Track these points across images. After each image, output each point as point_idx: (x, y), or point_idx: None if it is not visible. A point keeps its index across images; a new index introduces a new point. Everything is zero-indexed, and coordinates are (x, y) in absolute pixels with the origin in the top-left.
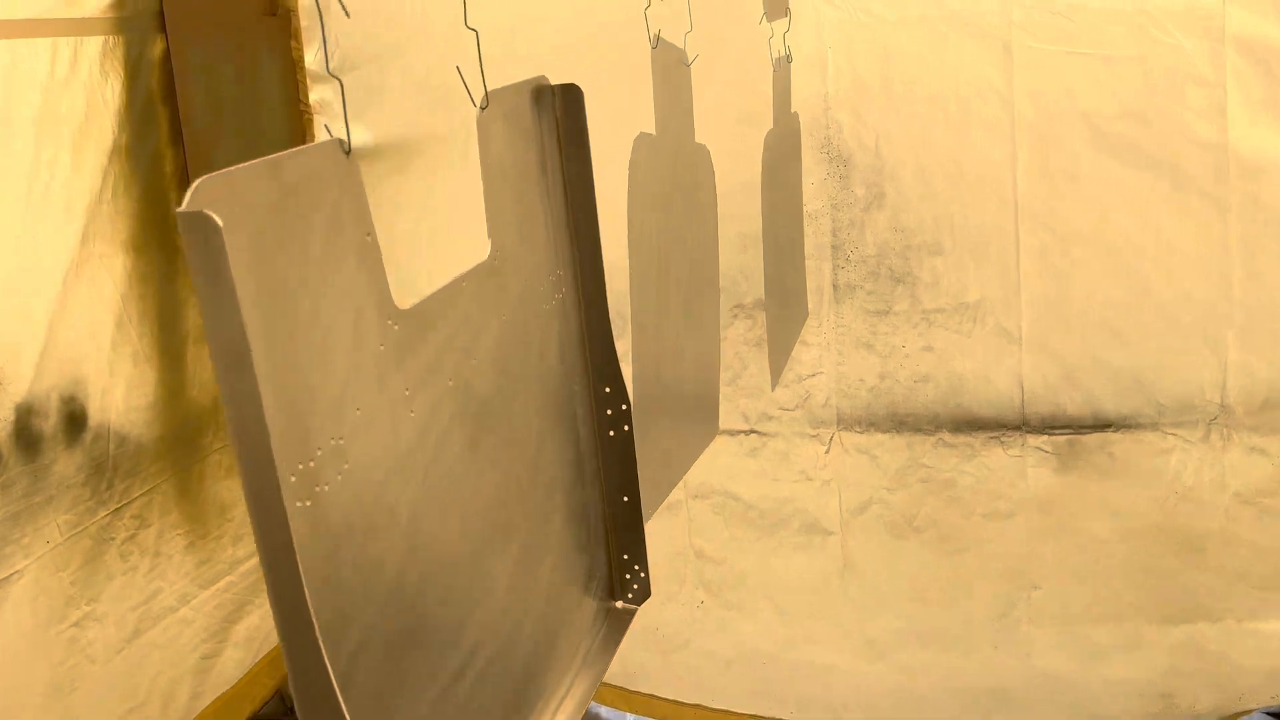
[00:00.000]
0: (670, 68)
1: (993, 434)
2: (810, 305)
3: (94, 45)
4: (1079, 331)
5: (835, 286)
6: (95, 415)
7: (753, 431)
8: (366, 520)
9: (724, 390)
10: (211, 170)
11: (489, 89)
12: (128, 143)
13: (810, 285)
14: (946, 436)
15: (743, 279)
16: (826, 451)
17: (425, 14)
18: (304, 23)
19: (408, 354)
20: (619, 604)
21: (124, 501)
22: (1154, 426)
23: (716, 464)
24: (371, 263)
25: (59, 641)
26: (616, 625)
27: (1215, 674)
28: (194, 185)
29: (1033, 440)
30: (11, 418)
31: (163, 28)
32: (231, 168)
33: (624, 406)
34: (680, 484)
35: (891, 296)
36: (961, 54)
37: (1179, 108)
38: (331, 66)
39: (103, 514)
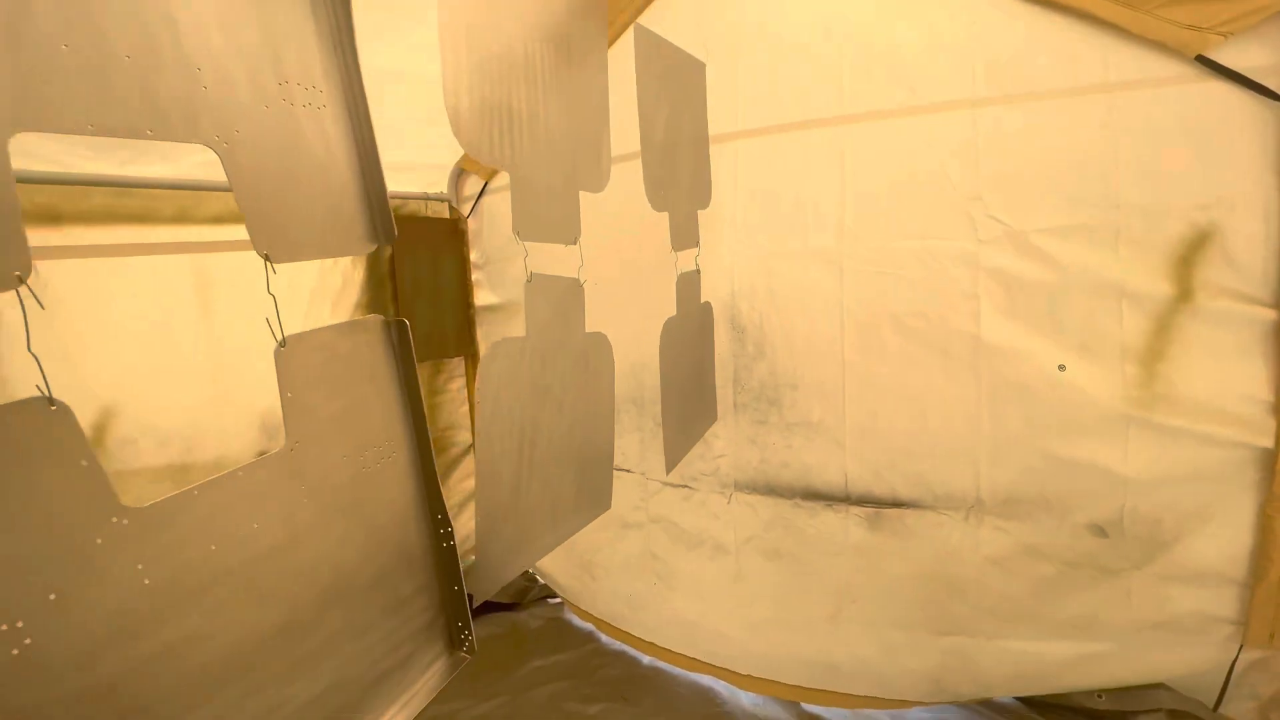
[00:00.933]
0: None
1: (828, 503)
2: (720, 413)
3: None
4: (884, 447)
5: (735, 405)
6: None
7: (685, 486)
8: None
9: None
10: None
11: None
12: (367, 301)
13: (721, 401)
14: (800, 501)
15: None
16: (728, 503)
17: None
18: (471, 233)
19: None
20: (461, 652)
21: None
22: (932, 508)
23: (666, 503)
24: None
25: None
26: (454, 664)
27: (970, 671)
28: None
29: (854, 510)
30: None
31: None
32: None
33: (448, 529)
34: (644, 511)
35: (767, 413)
36: (813, 272)
37: (950, 311)
38: (480, 260)
39: None
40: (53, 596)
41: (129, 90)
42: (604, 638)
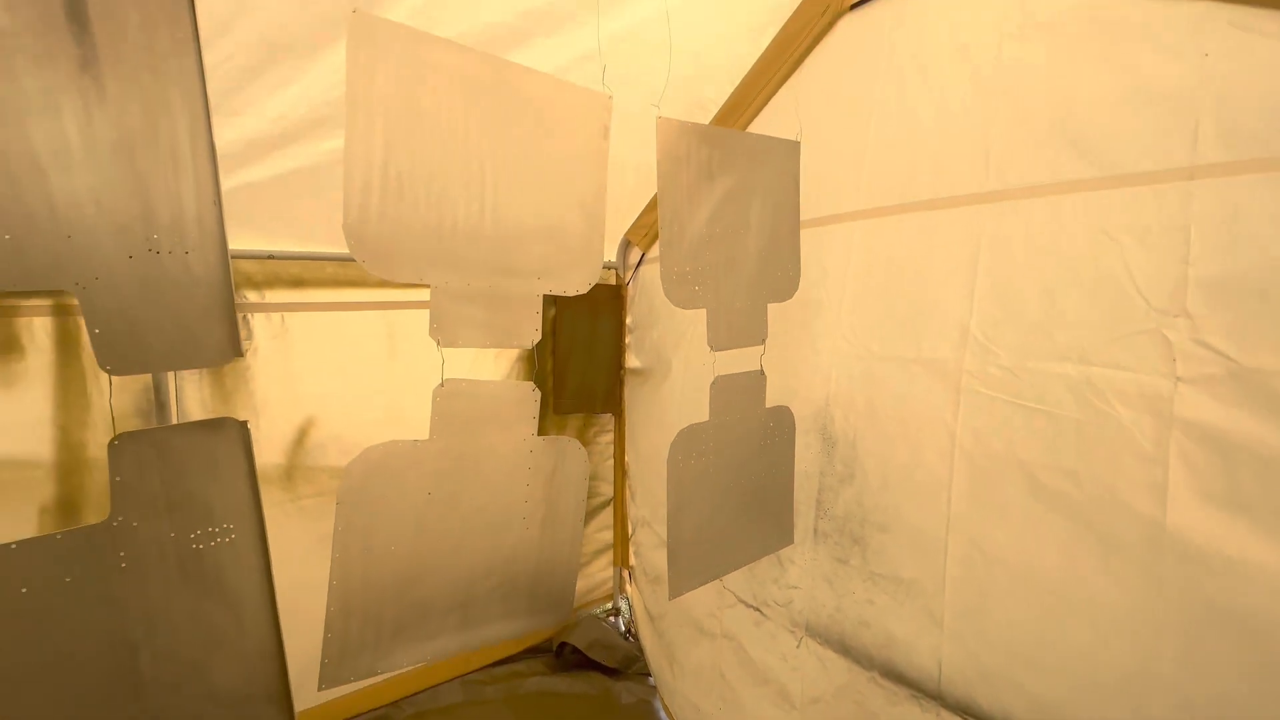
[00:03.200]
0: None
1: (914, 694)
2: (798, 537)
3: None
4: (997, 643)
5: (816, 531)
6: None
7: (757, 609)
8: None
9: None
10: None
11: None
12: (527, 354)
13: (800, 523)
14: (879, 678)
15: None
16: (797, 646)
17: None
18: (628, 299)
19: None
20: None
21: None
22: None
23: (738, 621)
24: None
25: None
26: None
27: None
28: None
29: (947, 715)
30: None
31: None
32: None
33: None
34: (718, 622)
35: (849, 553)
36: (922, 386)
37: (1118, 476)
38: (631, 325)
39: None
40: None
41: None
42: None
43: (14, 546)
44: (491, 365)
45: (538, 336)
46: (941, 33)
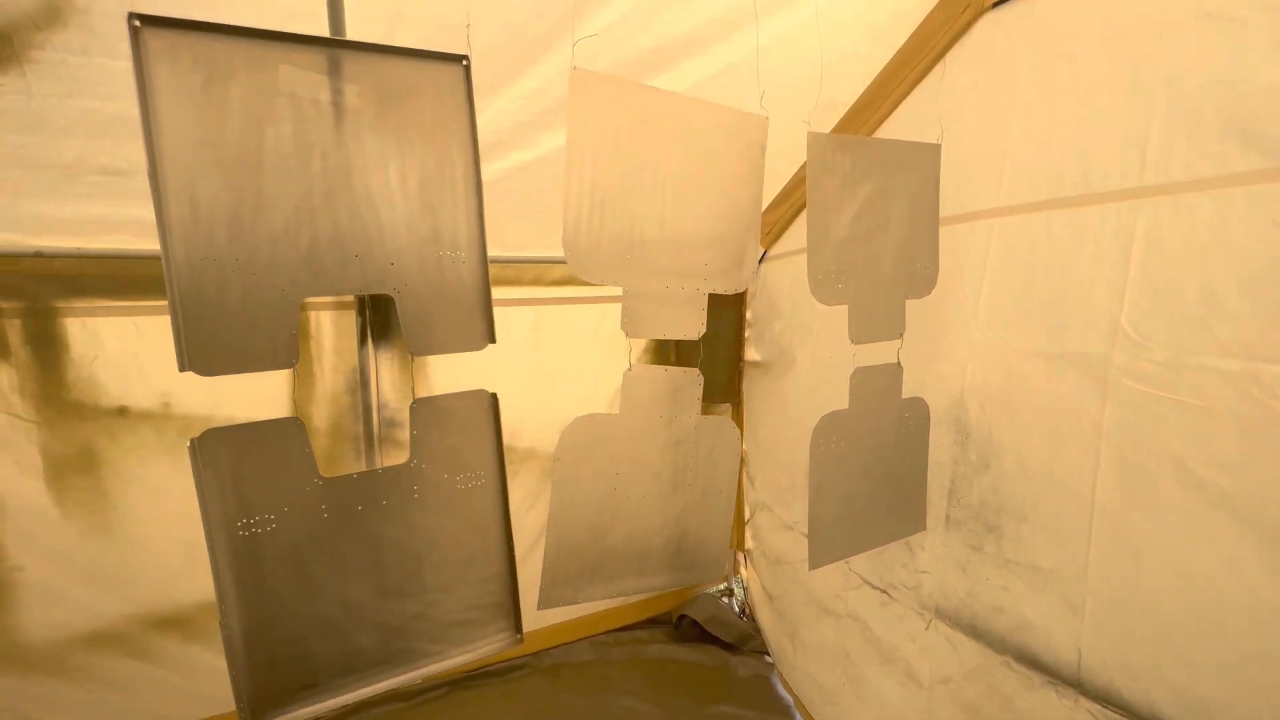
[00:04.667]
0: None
1: (1050, 680)
2: (929, 524)
3: None
4: (1146, 635)
5: (948, 519)
6: None
7: (884, 591)
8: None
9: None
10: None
11: None
12: (654, 346)
13: (931, 510)
14: (1013, 662)
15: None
16: (926, 628)
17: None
18: (749, 295)
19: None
20: (516, 635)
21: None
22: None
23: (864, 602)
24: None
25: None
26: (510, 643)
27: None
28: None
29: (1087, 705)
30: None
31: None
32: None
33: (511, 542)
34: (843, 602)
35: (984, 540)
36: (1067, 381)
37: None
38: (751, 319)
39: None
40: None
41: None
42: (798, 717)
43: (355, 476)
44: (607, 357)
45: (703, 329)
46: (1092, 25)
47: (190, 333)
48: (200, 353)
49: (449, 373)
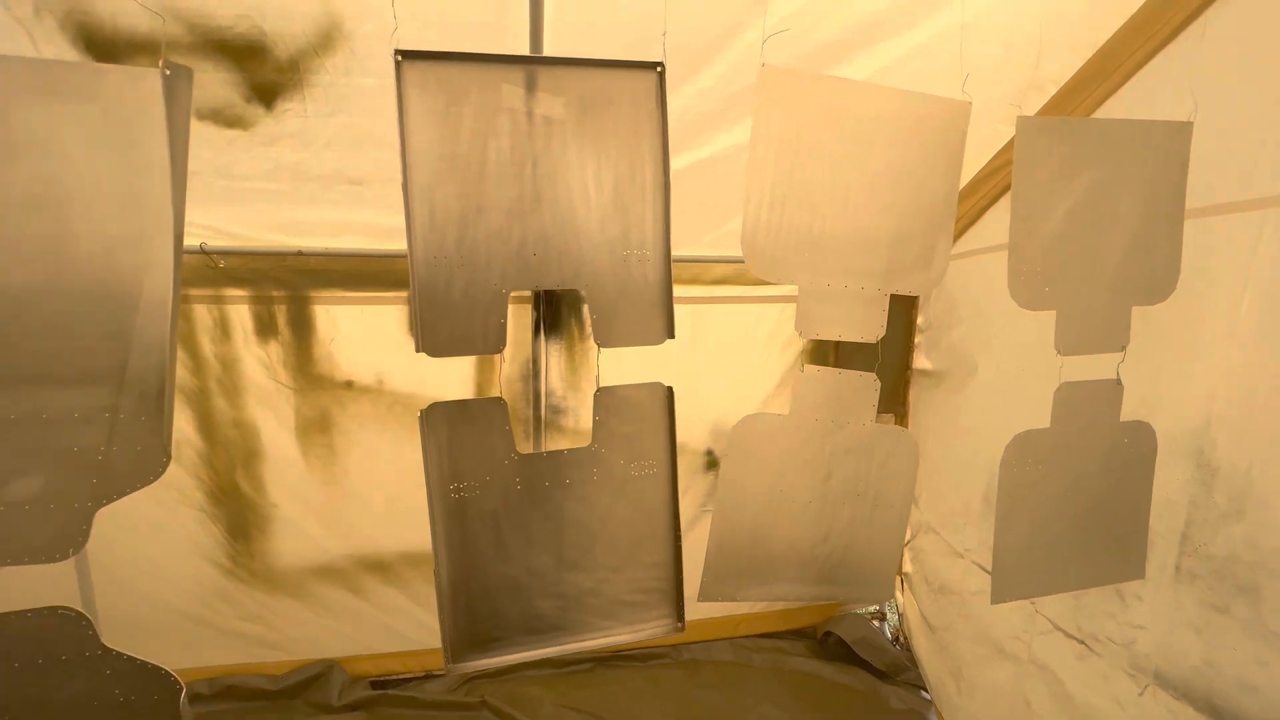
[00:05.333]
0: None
1: None
2: (1149, 571)
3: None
4: None
5: (1177, 569)
6: None
7: (1083, 642)
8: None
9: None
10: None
11: None
12: (811, 348)
13: (1153, 555)
14: None
15: None
16: (1140, 694)
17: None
18: (921, 299)
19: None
20: (678, 624)
21: None
22: None
23: (1054, 650)
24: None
25: None
26: (671, 630)
27: None
28: None
29: None
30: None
31: None
32: None
33: (679, 534)
34: (1025, 645)
35: (1232, 601)
36: None
37: None
38: (924, 324)
39: None
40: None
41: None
42: None
43: (545, 455)
44: (778, 354)
45: (882, 331)
46: None
47: (424, 321)
48: (431, 338)
49: (612, 363)
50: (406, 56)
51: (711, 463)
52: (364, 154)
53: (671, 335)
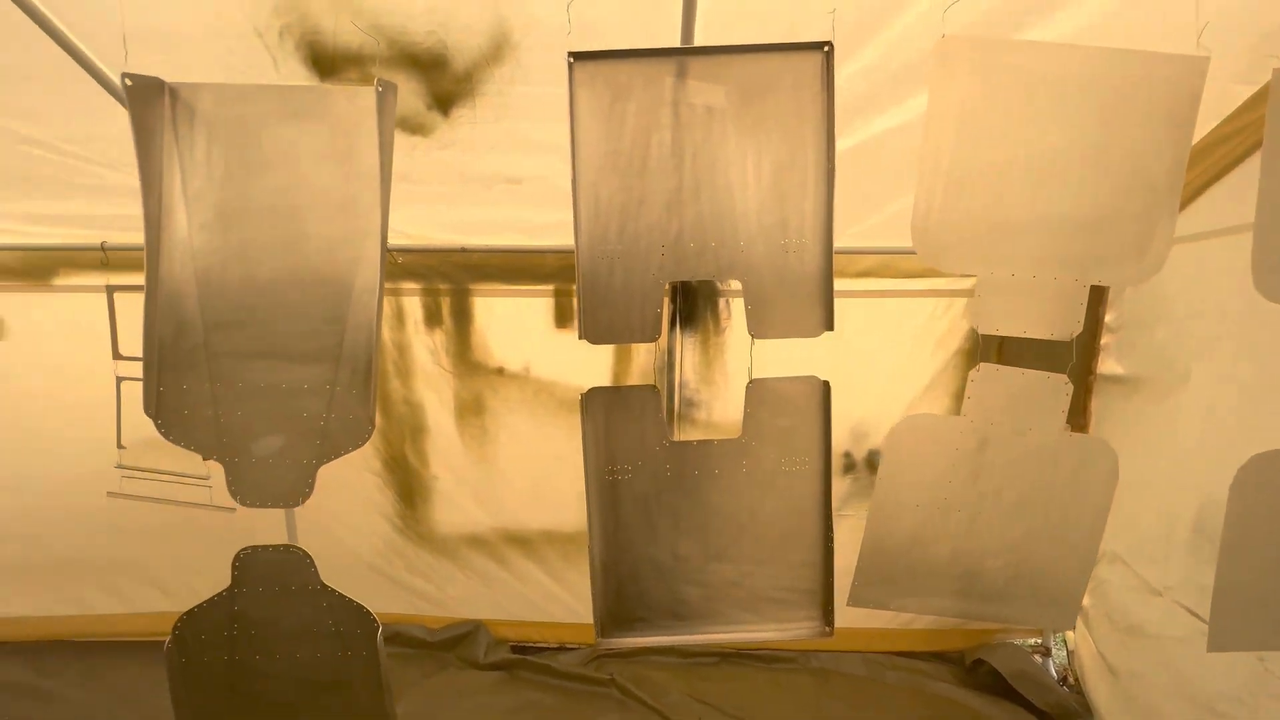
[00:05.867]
0: None
1: None
2: None
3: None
4: None
5: None
6: None
7: None
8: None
9: None
10: None
11: None
12: (969, 347)
13: None
14: None
15: None
16: None
17: None
18: (1112, 292)
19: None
20: (825, 628)
21: None
22: None
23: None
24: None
25: None
26: (817, 632)
27: None
28: None
29: None
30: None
31: None
32: None
33: (831, 536)
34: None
35: None
36: None
37: None
38: (1115, 323)
39: None
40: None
41: None
42: None
43: (695, 444)
44: (929, 351)
45: (1078, 328)
46: None
47: (586, 309)
48: (591, 325)
49: (744, 356)
50: (578, 58)
51: (849, 465)
52: (523, 156)
53: (830, 327)
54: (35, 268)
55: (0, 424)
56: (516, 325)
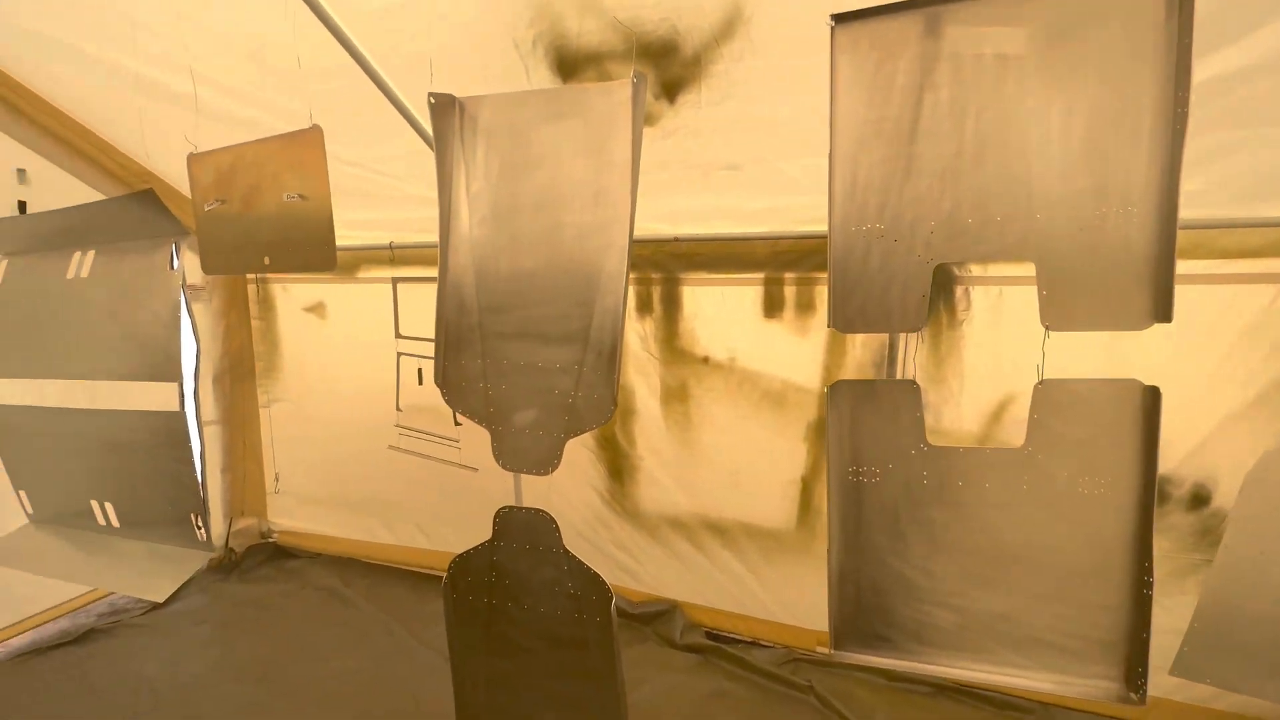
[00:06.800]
0: None
1: None
2: None
3: None
4: None
5: None
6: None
7: None
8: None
9: None
10: None
11: None
12: None
13: None
14: None
15: None
16: None
17: None
18: None
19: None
20: (1132, 694)
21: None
22: None
23: None
24: None
25: None
26: (1118, 697)
27: None
28: None
29: None
30: None
31: None
32: None
33: (1150, 579)
34: None
35: None
36: None
37: None
38: None
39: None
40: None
41: None
42: None
43: (962, 451)
44: (1224, 358)
45: None
46: None
47: (837, 294)
48: (841, 312)
49: (990, 356)
50: (839, 20)
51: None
52: (744, 137)
53: (1165, 318)
54: (346, 264)
55: (321, 383)
56: (723, 314)
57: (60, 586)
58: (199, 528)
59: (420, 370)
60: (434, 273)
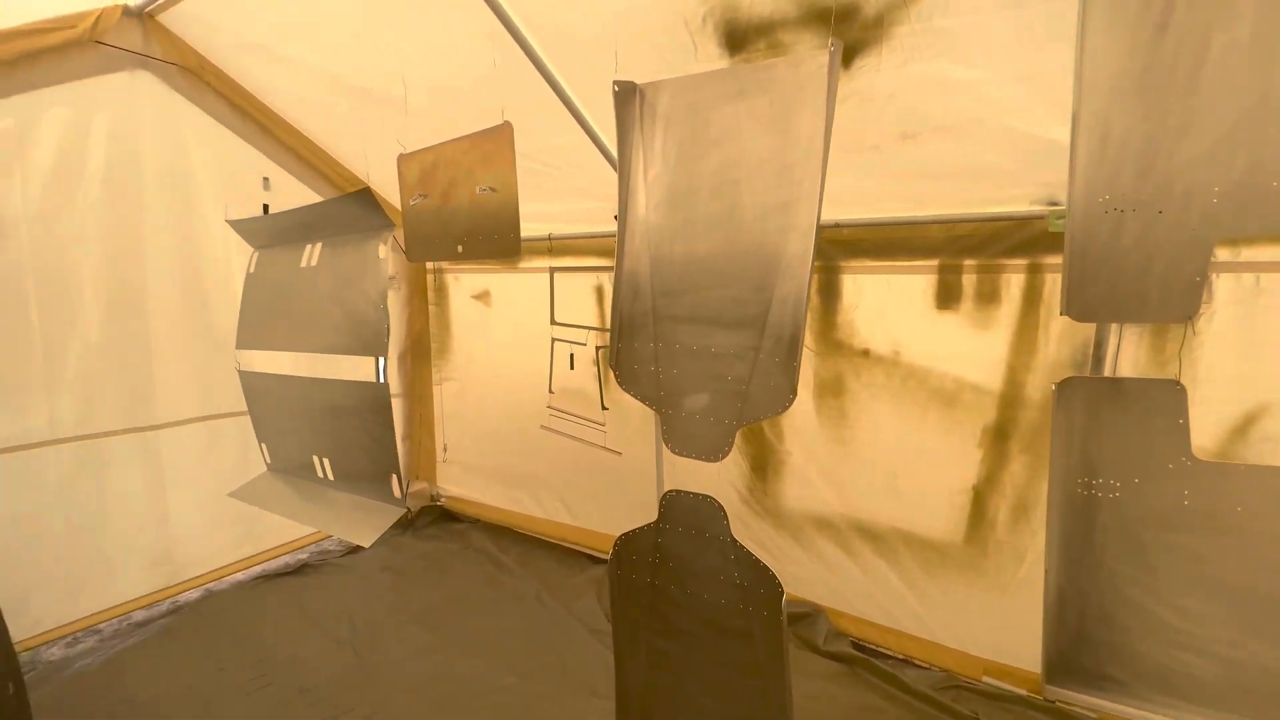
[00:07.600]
0: None
1: None
2: None
3: None
4: None
5: None
6: None
7: None
8: None
9: None
10: None
11: None
12: None
13: None
14: None
15: None
16: None
17: None
18: None
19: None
20: None
21: None
22: None
23: None
24: None
25: None
26: None
27: None
28: None
29: None
30: None
31: None
32: None
33: None
34: None
35: None
36: None
37: None
38: None
39: None
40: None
41: None
42: None
43: (1242, 468)
44: None
45: None
46: None
47: (1075, 279)
48: (1079, 296)
49: (1235, 357)
50: None
51: None
52: (929, 102)
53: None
54: None
55: (486, 365)
56: (888, 305)
57: (288, 526)
58: (397, 486)
59: (572, 355)
60: (587, 263)
